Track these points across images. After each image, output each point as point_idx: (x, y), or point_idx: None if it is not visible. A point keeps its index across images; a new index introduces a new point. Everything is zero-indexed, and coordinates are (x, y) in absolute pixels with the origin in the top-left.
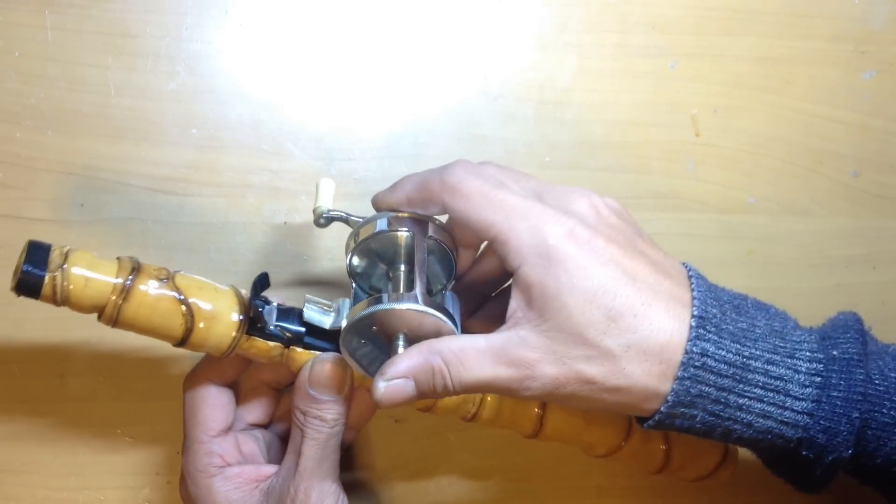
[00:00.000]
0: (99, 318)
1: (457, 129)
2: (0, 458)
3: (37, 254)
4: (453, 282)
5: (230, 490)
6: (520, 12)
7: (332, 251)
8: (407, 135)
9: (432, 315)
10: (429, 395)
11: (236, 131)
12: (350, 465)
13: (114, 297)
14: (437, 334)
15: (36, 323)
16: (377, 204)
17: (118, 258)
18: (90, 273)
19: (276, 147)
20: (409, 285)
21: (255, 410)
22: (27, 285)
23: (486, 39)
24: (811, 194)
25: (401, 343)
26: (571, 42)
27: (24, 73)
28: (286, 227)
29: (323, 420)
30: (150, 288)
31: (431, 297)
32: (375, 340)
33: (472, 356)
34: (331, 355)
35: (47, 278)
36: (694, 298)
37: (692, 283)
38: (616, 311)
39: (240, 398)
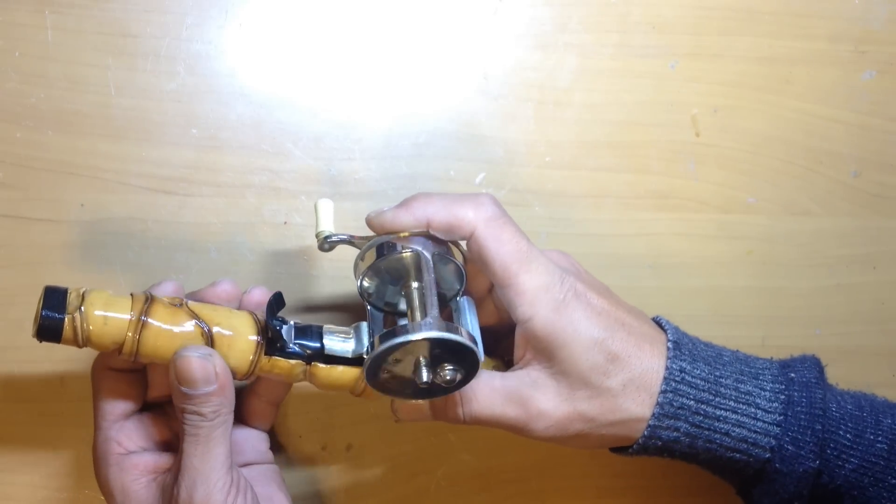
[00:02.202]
0: (119, 354)
1: (457, 129)
2: (0, 459)
3: (54, 298)
4: (465, 285)
5: (127, 481)
6: (520, 12)
7: (333, 251)
8: (407, 135)
9: (451, 339)
10: (442, 419)
11: (236, 131)
12: (350, 465)
13: (130, 333)
14: (459, 352)
15: None
16: (384, 223)
17: (132, 294)
18: (108, 312)
19: (276, 147)
20: (423, 305)
21: (160, 386)
22: (48, 330)
23: (486, 39)
24: (811, 194)
25: (423, 366)
26: (571, 42)
27: (25, 73)
28: (286, 227)
29: (200, 415)
30: (164, 319)
31: (446, 304)
32: (398, 365)
33: (486, 393)
34: (192, 347)
35: (67, 321)
36: (667, 331)
37: (664, 326)
38: (614, 353)
39: (148, 373)
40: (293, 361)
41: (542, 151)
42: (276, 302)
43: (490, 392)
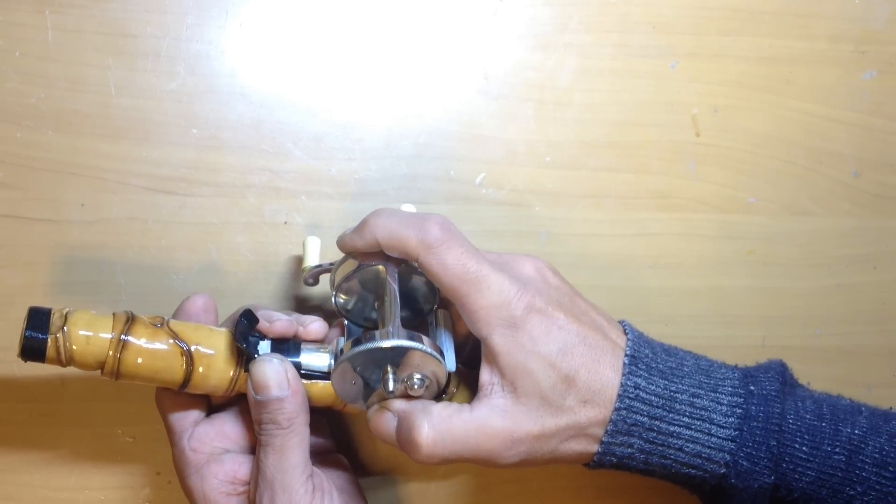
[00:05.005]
0: (101, 373)
1: (457, 129)
2: (0, 459)
3: (38, 318)
4: (438, 297)
5: (208, 490)
6: (520, 12)
7: (332, 250)
8: (407, 135)
9: (410, 347)
10: (402, 444)
11: (236, 131)
12: (350, 465)
13: (111, 352)
14: (423, 362)
15: None
16: (345, 246)
17: (114, 313)
18: (90, 332)
19: (276, 147)
20: (392, 316)
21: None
22: (31, 350)
23: (487, 39)
24: (811, 194)
25: (390, 375)
26: (571, 42)
27: (25, 73)
28: (286, 227)
29: (275, 423)
30: (145, 337)
31: (423, 317)
32: (366, 375)
33: (458, 425)
34: (265, 355)
35: (50, 340)
36: (628, 341)
37: (626, 332)
38: (573, 370)
39: None
40: None
41: (542, 151)
42: (248, 319)
43: (462, 425)
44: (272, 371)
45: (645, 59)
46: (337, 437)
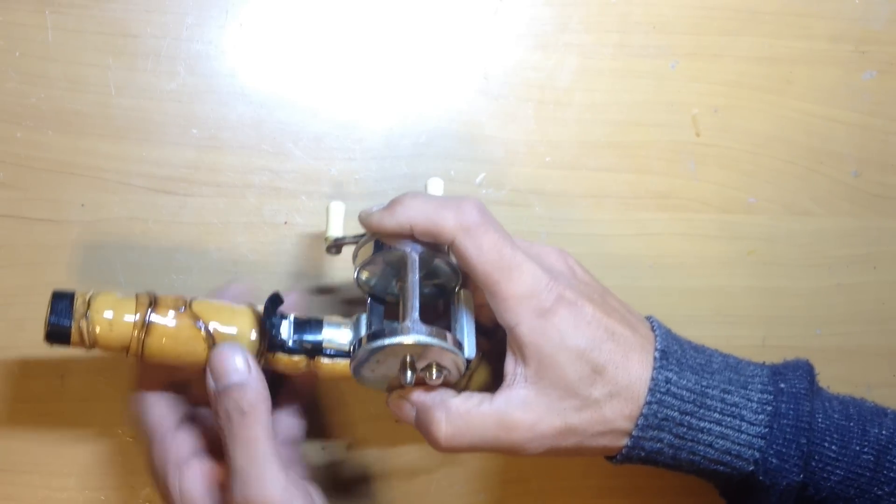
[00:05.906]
0: (126, 355)
1: (457, 129)
2: (0, 458)
3: (61, 303)
4: (461, 277)
5: (185, 486)
6: (520, 12)
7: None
8: (407, 135)
9: (429, 343)
10: (422, 433)
11: (237, 131)
12: (350, 464)
13: (136, 333)
14: (441, 354)
15: (36, 323)
16: (371, 225)
17: (136, 294)
18: (113, 315)
19: (276, 147)
20: (411, 306)
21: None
22: (56, 335)
23: (487, 39)
24: (811, 194)
25: (408, 367)
26: (571, 42)
27: (25, 73)
28: (286, 227)
29: (239, 410)
30: (168, 318)
31: (445, 297)
32: (385, 364)
33: (476, 419)
34: (223, 343)
35: (74, 326)
36: (657, 338)
37: (655, 330)
38: (601, 364)
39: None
40: (296, 357)
41: (542, 151)
42: (273, 301)
43: (481, 418)
44: (229, 355)
45: (645, 59)
46: (338, 437)
